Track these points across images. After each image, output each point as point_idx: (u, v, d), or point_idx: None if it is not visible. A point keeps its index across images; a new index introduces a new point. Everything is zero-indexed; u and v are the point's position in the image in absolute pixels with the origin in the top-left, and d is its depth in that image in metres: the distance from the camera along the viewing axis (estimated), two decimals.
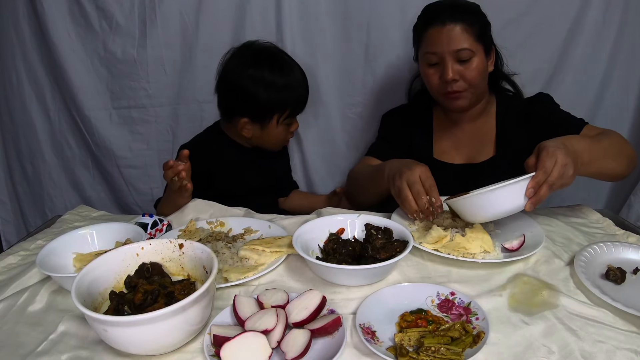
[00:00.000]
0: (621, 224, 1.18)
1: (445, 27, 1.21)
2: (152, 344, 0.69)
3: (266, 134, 1.38)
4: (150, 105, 1.75)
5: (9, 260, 1.00)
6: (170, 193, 1.19)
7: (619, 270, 0.91)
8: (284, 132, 1.40)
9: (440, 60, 1.24)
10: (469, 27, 1.21)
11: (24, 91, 1.76)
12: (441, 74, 1.25)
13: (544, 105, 1.33)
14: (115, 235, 1.00)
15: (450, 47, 1.21)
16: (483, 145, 1.38)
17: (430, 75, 1.28)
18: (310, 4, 1.61)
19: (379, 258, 0.90)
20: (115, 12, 1.62)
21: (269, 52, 1.35)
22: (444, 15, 1.22)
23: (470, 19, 1.22)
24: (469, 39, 1.21)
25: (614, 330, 0.76)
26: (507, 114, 1.37)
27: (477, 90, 1.28)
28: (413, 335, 0.72)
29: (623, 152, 1.15)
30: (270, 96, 1.30)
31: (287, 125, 1.39)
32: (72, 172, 1.89)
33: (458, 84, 1.25)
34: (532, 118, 1.32)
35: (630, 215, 1.62)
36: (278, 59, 1.34)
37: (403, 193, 1.05)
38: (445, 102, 1.31)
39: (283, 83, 1.31)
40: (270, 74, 1.30)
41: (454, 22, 1.21)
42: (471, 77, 1.24)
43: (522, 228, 1.08)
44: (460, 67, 1.23)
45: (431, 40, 1.24)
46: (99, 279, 0.78)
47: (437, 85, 1.28)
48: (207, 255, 0.79)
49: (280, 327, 0.73)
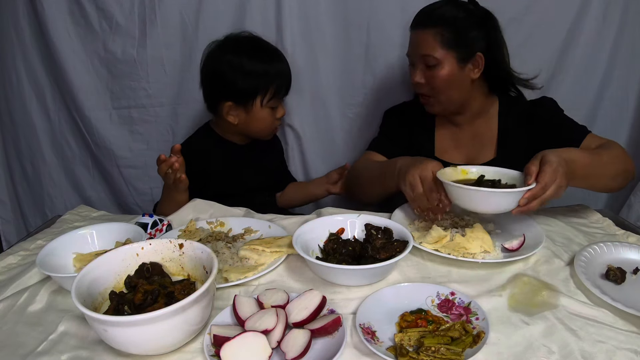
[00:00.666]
0: (621, 224, 1.18)
1: (416, 32, 1.27)
2: (152, 344, 0.69)
3: (252, 119, 1.37)
4: (150, 105, 1.75)
5: (9, 260, 1.00)
6: (167, 189, 1.20)
7: (619, 270, 0.91)
8: (270, 117, 1.38)
9: (412, 63, 1.30)
10: (438, 35, 1.22)
11: (24, 91, 1.76)
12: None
13: (547, 109, 1.32)
14: (115, 235, 1.00)
15: (418, 51, 1.26)
16: (484, 146, 1.38)
17: (410, 76, 1.33)
18: (310, 4, 1.60)
19: (379, 258, 0.90)
20: (115, 12, 1.62)
21: (249, 38, 1.38)
22: (418, 20, 1.28)
23: (443, 24, 1.22)
24: (436, 47, 1.23)
25: (614, 330, 0.76)
26: (509, 115, 1.36)
27: (446, 98, 1.29)
28: (413, 335, 0.72)
29: (621, 169, 1.14)
30: (254, 69, 1.32)
31: (272, 109, 1.37)
32: (72, 172, 1.89)
33: (424, 89, 1.29)
34: (535, 121, 1.32)
35: (630, 215, 1.62)
36: (257, 42, 1.38)
37: (416, 189, 1.05)
38: (422, 102, 1.35)
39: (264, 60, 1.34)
40: (250, 50, 1.35)
41: (424, 27, 1.25)
42: (435, 85, 1.26)
43: (522, 228, 1.09)
44: (429, 71, 1.26)
45: (409, 42, 1.31)
46: (99, 279, 0.78)
47: (414, 86, 1.33)
48: (207, 255, 0.79)
49: (280, 327, 0.73)
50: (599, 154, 1.11)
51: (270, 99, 1.35)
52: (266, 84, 1.33)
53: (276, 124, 1.43)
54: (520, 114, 1.34)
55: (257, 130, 1.42)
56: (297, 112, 1.75)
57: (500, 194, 0.96)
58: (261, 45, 1.38)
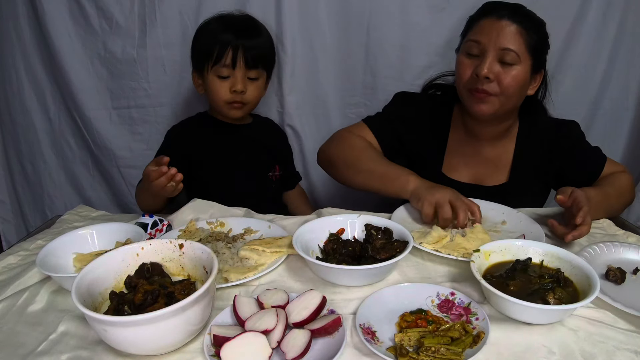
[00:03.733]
0: (621, 224, 1.18)
1: (501, 22, 1.13)
2: (152, 344, 0.69)
3: (207, 86, 1.37)
4: (150, 105, 1.75)
5: (9, 260, 1.00)
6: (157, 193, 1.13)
7: (619, 270, 0.91)
8: (220, 88, 1.34)
9: (481, 52, 1.15)
10: (524, 32, 1.13)
11: (24, 91, 1.75)
12: (476, 67, 1.15)
13: (569, 138, 1.29)
14: (115, 235, 1.00)
15: (498, 42, 1.12)
16: (497, 169, 1.32)
17: (465, 65, 1.19)
18: (310, 3, 1.60)
19: (379, 258, 0.90)
20: (115, 12, 1.62)
21: (236, 14, 1.39)
22: (505, 11, 1.14)
23: (531, 26, 1.14)
24: (521, 44, 1.12)
25: (614, 330, 0.76)
26: (528, 138, 1.30)
27: (507, 102, 1.18)
28: (413, 335, 0.72)
29: (626, 201, 1.24)
30: (202, 39, 1.35)
31: (221, 79, 1.33)
32: (72, 172, 1.88)
33: (491, 85, 1.15)
34: (555, 149, 1.28)
35: (630, 215, 1.62)
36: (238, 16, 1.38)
37: (445, 209, 1.04)
38: (469, 100, 1.21)
39: (216, 27, 1.34)
40: (213, 22, 1.35)
41: (512, 20, 1.13)
42: (507, 83, 1.14)
43: (522, 228, 1.09)
44: (500, 68, 1.14)
45: (480, 29, 1.16)
46: (99, 279, 0.77)
47: (467, 78, 1.18)
48: (207, 255, 0.79)
49: (280, 327, 0.73)
50: (608, 193, 1.18)
51: (214, 65, 1.32)
52: (217, 48, 1.30)
53: (233, 97, 1.35)
54: (541, 140, 1.29)
55: (214, 103, 1.40)
56: (297, 112, 1.75)
57: (555, 311, 0.77)
58: (240, 18, 1.38)
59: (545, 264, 0.88)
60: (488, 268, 0.88)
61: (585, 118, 1.69)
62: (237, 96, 1.36)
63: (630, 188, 1.25)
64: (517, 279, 0.83)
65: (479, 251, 0.89)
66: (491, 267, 0.88)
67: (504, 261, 0.89)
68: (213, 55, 1.32)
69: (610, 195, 1.18)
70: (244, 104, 1.39)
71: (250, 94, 1.38)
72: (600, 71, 1.68)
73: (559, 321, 0.77)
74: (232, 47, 1.31)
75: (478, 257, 0.87)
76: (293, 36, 1.63)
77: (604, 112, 1.73)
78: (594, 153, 1.30)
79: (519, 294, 0.77)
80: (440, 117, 1.36)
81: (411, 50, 1.65)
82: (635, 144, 1.75)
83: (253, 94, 1.39)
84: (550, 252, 0.88)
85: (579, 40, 1.63)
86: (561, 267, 0.85)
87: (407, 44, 1.64)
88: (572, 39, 1.63)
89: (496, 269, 0.87)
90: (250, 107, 1.43)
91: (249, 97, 1.38)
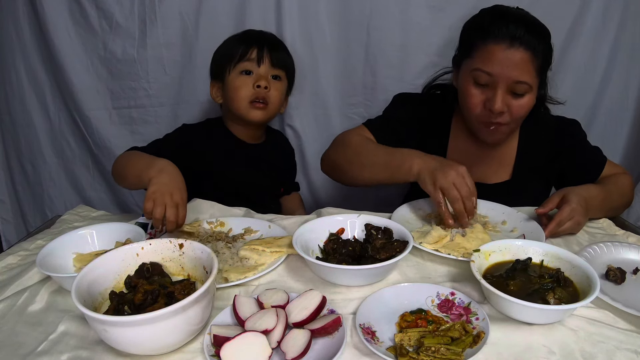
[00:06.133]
0: (621, 224, 1.18)
1: (512, 50, 1.05)
2: (152, 344, 0.69)
3: (228, 90, 1.34)
4: (150, 105, 1.75)
5: (9, 260, 1.00)
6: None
7: (619, 270, 0.91)
8: (244, 84, 1.31)
9: (491, 83, 1.10)
10: (535, 58, 1.07)
11: (24, 91, 1.76)
12: (487, 100, 1.12)
13: (571, 138, 1.29)
14: (115, 235, 1.00)
15: (511, 76, 1.07)
16: (500, 167, 1.32)
17: (473, 96, 1.14)
18: (310, 4, 1.61)
19: (379, 258, 0.90)
20: (115, 12, 1.62)
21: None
22: (516, 33, 1.05)
23: (541, 47, 1.08)
24: (531, 72, 1.08)
25: (614, 330, 0.76)
26: (531, 136, 1.30)
27: (516, 126, 1.19)
28: (413, 335, 0.72)
29: (626, 202, 1.25)
30: (225, 46, 1.38)
31: (246, 74, 1.32)
32: (72, 172, 1.89)
33: (503, 116, 1.12)
34: (556, 148, 1.29)
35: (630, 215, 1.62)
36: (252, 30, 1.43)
37: (452, 193, 1.00)
38: (480, 131, 1.20)
39: (241, 34, 1.39)
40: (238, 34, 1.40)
41: (524, 46, 1.05)
42: (517, 113, 1.12)
43: (522, 228, 1.09)
44: (511, 99, 1.10)
45: (489, 57, 1.08)
46: (99, 279, 0.77)
47: (479, 111, 1.15)
48: (207, 255, 0.79)
49: (280, 327, 0.73)
50: (610, 191, 1.18)
51: (239, 62, 1.32)
52: (243, 47, 1.33)
53: (257, 93, 1.31)
54: (543, 138, 1.29)
55: (236, 104, 1.33)
56: (297, 112, 1.75)
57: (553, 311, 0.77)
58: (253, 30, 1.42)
59: (545, 264, 0.88)
60: (488, 268, 0.88)
61: (585, 118, 1.69)
62: (261, 92, 1.31)
63: (630, 189, 1.26)
64: (517, 279, 0.83)
65: (479, 251, 0.88)
66: (491, 267, 0.88)
67: (504, 261, 0.89)
68: (237, 54, 1.32)
69: (612, 192, 1.19)
70: (266, 104, 1.34)
71: (273, 93, 1.34)
72: (600, 71, 1.68)
73: (559, 321, 0.77)
74: (257, 45, 1.33)
75: (478, 257, 0.87)
76: (293, 36, 1.63)
77: (604, 112, 1.73)
78: (594, 154, 1.30)
79: (519, 294, 0.77)
80: (441, 116, 1.36)
81: (411, 50, 1.65)
82: (635, 144, 1.75)
83: (276, 94, 1.35)
84: (550, 252, 0.88)
85: (579, 40, 1.63)
86: (561, 267, 0.85)
87: (407, 44, 1.64)
88: (572, 39, 1.63)
89: (496, 269, 0.87)
90: (271, 111, 1.37)
91: (272, 96, 1.34)
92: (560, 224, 1.05)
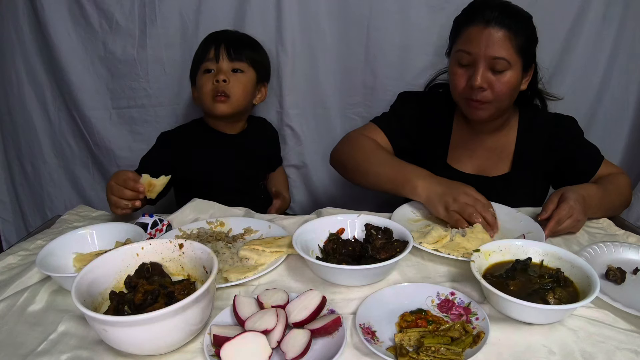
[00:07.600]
0: (621, 224, 1.18)
1: (488, 29, 1.13)
2: (152, 344, 0.69)
3: (199, 90, 1.42)
4: (150, 105, 1.75)
5: (9, 260, 1.00)
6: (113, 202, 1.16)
7: (619, 270, 0.91)
8: (206, 81, 1.39)
9: (472, 62, 1.17)
10: (513, 36, 1.13)
11: (24, 91, 1.76)
12: (469, 78, 1.18)
13: (568, 132, 1.31)
14: (115, 235, 1.00)
15: (487, 52, 1.14)
16: (499, 159, 1.34)
17: (458, 76, 1.21)
18: (310, 3, 1.60)
19: (379, 258, 0.90)
20: (115, 12, 1.62)
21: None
22: (491, 15, 1.13)
23: (518, 27, 1.14)
24: (510, 49, 1.13)
25: (614, 330, 0.76)
26: (529, 129, 1.32)
27: (501, 105, 1.21)
28: (413, 335, 0.72)
29: (624, 201, 1.26)
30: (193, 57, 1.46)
31: (206, 73, 1.39)
32: (72, 172, 1.88)
33: (484, 93, 1.17)
34: (554, 142, 1.30)
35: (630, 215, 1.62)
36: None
37: (468, 210, 1.06)
38: (465, 108, 1.25)
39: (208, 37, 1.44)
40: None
41: (499, 25, 1.13)
42: (500, 90, 1.17)
43: (522, 228, 1.09)
44: (492, 76, 1.16)
45: (469, 38, 1.16)
46: (99, 279, 0.78)
47: (462, 89, 1.21)
48: (207, 255, 0.79)
49: (280, 327, 0.73)
50: (608, 190, 1.19)
51: (201, 63, 1.40)
52: (199, 52, 1.43)
53: (216, 87, 1.37)
54: (541, 132, 1.31)
55: (204, 101, 1.41)
56: (297, 112, 1.75)
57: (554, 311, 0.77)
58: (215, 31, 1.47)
59: (545, 264, 0.88)
60: (488, 268, 0.88)
61: (585, 118, 1.69)
62: (220, 86, 1.37)
63: (628, 189, 1.27)
64: (517, 279, 0.83)
65: (479, 251, 0.88)
66: (491, 267, 0.88)
67: (504, 261, 0.89)
68: (199, 56, 1.41)
69: (610, 191, 1.19)
70: (227, 96, 1.38)
71: (233, 85, 1.39)
72: (600, 71, 1.68)
73: (559, 321, 0.78)
74: (215, 44, 1.39)
75: (478, 257, 0.87)
76: (293, 36, 1.63)
77: (604, 112, 1.73)
78: (591, 151, 1.30)
79: (519, 293, 0.77)
80: (443, 112, 1.39)
81: (411, 50, 1.65)
82: (635, 144, 1.75)
83: (238, 86, 1.40)
84: (550, 252, 0.88)
85: (579, 40, 1.63)
86: (561, 267, 0.85)
87: (407, 44, 1.64)
88: (572, 39, 1.63)
89: (496, 268, 0.87)
90: (235, 102, 1.40)
91: (233, 88, 1.38)
92: (560, 222, 1.06)
